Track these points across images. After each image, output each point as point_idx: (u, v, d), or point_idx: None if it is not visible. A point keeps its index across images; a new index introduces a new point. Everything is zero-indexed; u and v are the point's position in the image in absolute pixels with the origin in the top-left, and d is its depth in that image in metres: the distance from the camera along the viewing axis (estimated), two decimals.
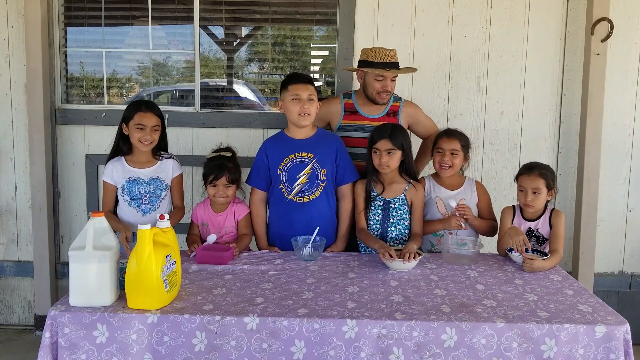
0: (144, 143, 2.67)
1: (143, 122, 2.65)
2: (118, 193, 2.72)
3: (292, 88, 2.57)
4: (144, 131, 2.65)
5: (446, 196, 2.68)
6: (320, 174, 2.63)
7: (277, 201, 2.67)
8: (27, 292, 3.70)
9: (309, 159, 2.63)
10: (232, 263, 2.38)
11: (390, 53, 2.83)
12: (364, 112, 2.89)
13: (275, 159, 2.64)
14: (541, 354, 1.80)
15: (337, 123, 2.91)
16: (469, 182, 2.73)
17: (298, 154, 2.63)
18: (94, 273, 1.88)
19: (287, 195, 2.63)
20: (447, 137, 2.66)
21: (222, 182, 2.58)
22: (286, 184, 2.63)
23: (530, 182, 2.49)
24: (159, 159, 2.78)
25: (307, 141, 2.65)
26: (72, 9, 3.57)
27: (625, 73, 3.46)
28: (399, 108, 2.92)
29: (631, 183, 3.55)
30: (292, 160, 2.62)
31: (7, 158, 3.58)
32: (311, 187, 2.63)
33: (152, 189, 2.72)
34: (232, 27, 3.71)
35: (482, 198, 2.71)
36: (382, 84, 2.80)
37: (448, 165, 2.62)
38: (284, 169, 2.63)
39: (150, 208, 2.72)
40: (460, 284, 2.17)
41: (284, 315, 1.85)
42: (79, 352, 1.83)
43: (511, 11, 3.43)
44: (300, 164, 2.62)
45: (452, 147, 2.63)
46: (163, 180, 2.76)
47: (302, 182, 2.62)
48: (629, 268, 3.61)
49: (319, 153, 2.63)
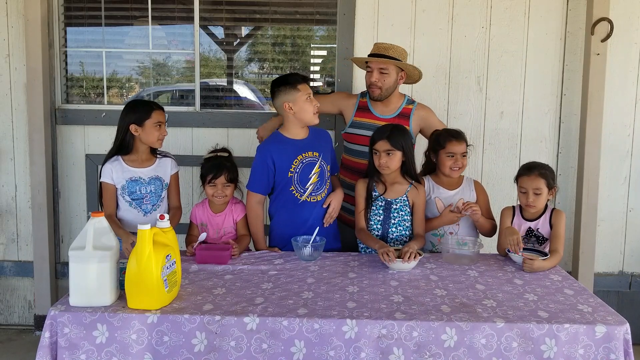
0: (161, 140, 2.72)
1: (161, 120, 2.70)
2: (118, 194, 2.70)
3: (302, 88, 2.56)
4: (162, 128, 2.70)
5: (445, 196, 2.68)
6: (326, 170, 2.66)
7: (287, 204, 2.63)
8: (27, 292, 3.70)
9: (316, 157, 2.63)
10: (232, 263, 2.38)
11: (383, 46, 2.82)
12: (376, 111, 2.89)
13: (284, 163, 2.59)
14: (541, 353, 1.80)
15: (350, 118, 2.91)
16: (468, 181, 2.73)
17: (305, 154, 2.61)
18: (94, 273, 1.88)
19: (301, 196, 2.61)
20: (456, 141, 2.62)
21: (221, 181, 2.57)
22: (298, 185, 2.61)
23: (531, 182, 2.48)
24: (157, 157, 2.78)
25: (309, 140, 2.65)
26: (72, 9, 3.57)
27: (625, 73, 3.46)
28: (412, 111, 2.91)
29: (631, 183, 3.55)
30: (302, 162, 2.60)
31: (7, 158, 3.58)
32: (321, 185, 2.64)
33: (153, 189, 2.72)
34: (232, 27, 3.71)
35: (481, 197, 2.71)
36: (369, 75, 2.83)
37: (460, 167, 2.63)
38: (295, 171, 2.59)
39: (151, 208, 2.72)
40: (460, 284, 2.17)
41: (284, 315, 1.85)
42: (79, 352, 1.83)
43: (511, 11, 3.43)
44: (310, 164, 2.62)
45: (463, 150, 2.62)
46: (162, 179, 2.76)
47: (314, 182, 2.62)
48: (629, 268, 3.61)
49: (322, 150, 2.66)
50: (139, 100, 2.85)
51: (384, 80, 2.81)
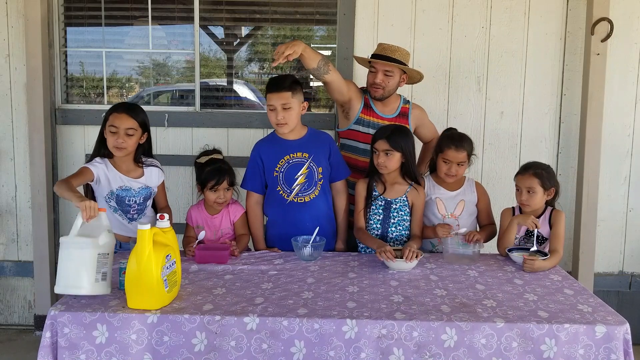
0: (117, 148, 2.50)
1: (115, 124, 2.49)
2: (102, 197, 2.56)
3: (267, 97, 2.56)
4: (116, 135, 2.48)
5: (446, 197, 2.67)
6: (317, 172, 2.63)
7: (276, 204, 2.65)
8: (27, 292, 3.70)
9: (305, 158, 2.62)
10: (232, 263, 2.38)
11: (389, 48, 2.83)
12: (377, 110, 2.89)
13: (271, 162, 2.62)
14: (541, 353, 1.80)
15: (356, 114, 2.88)
16: (469, 182, 2.73)
17: (293, 154, 2.61)
18: (73, 260, 1.89)
19: (287, 196, 2.62)
20: (455, 148, 2.58)
21: (224, 186, 2.56)
22: (284, 185, 2.62)
23: (524, 181, 2.51)
24: (142, 166, 2.64)
25: (301, 141, 2.64)
26: (72, 9, 3.57)
27: (625, 73, 3.46)
28: (409, 110, 2.94)
29: (631, 183, 3.55)
30: (288, 162, 2.61)
31: (7, 158, 3.58)
32: (310, 187, 2.63)
33: (142, 200, 2.63)
34: (232, 27, 3.71)
35: (482, 199, 2.71)
36: (373, 75, 2.83)
37: (454, 175, 2.61)
38: (280, 171, 2.61)
39: (137, 217, 2.64)
40: (460, 284, 2.17)
41: (284, 315, 1.85)
42: (79, 352, 1.83)
43: (511, 11, 3.43)
44: (297, 164, 2.61)
45: (460, 159, 2.59)
46: (152, 188, 2.66)
47: (301, 182, 2.61)
48: (629, 268, 3.61)
49: (313, 152, 2.63)
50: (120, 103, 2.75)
51: (388, 82, 2.82)
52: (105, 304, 1.91)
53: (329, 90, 2.83)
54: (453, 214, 2.65)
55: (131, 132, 2.53)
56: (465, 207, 2.67)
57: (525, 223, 2.48)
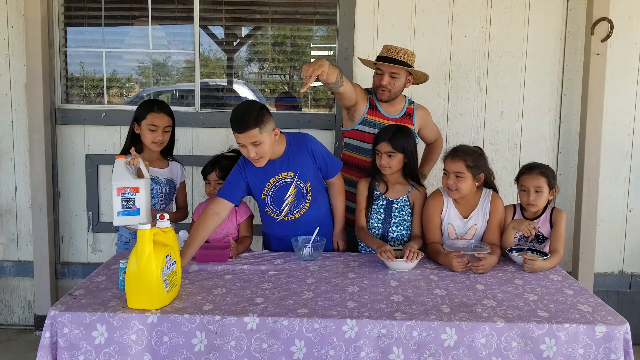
0: (156, 144, 2.66)
1: (156, 123, 2.65)
2: None
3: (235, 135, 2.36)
4: (156, 132, 2.65)
5: (457, 224, 2.53)
6: (305, 188, 2.52)
7: (267, 222, 2.62)
8: (27, 292, 3.70)
9: (291, 178, 2.49)
10: (232, 263, 2.38)
11: (395, 50, 2.82)
12: (383, 110, 2.89)
13: (257, 186, 2.49)
14: (540, 353, 1.80)
15: (362, 114, 2.85)
16: (484, 199, 2.53)
17: (278, 176, 2.48)
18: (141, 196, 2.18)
19: (277, 216, 2.55)
20: (451, 158, 2.46)
21: (213, 177, 2.61)
22: (273, 207, 2.54)
23: (532, 180, 2.48)
24: (168, 160, 2.80)
25: (283, 159, 2.48)
26: (72, 9, 3.57)
27: (625, 73, 3.46)
28: (414, 111, 2.94)
29: (631, 183, 3.55)
30: (275, 185, 2.49)
31: (7, 158, 3.58)
32: (299, 204, 2.54)
33: (167, 190, 2.75)
34: (232, 27, 3.71)
35: (492, 215, 2.52)
36: (379, 78, 2.82)
37: (453, 188, 2.45)
38: (268, 194, 2.52)
39: (164, 208, 2.75)
40: (460, 284, 2.17)
41: (284, 315, 1.85)
42: (78, 352, 1.83)
43: (511, 11, 3.43)
44: (284, 186, 2.50)
45: (456, 169, 2.42)
46: (175, 183, 2.80)
47: (290, 202, 2.53)
48: (629, 268, 3.61)
49: (298, 169, 2.49)
50: (150, 99, 2.88)
51: (394, 84, 2.80)
52: (105, 304, 1.92)
53: (339, 99, 2.78)
54: (463, 237, 2.53)
55: (168, 129, 2.72)
56: (478, 231, 2.54)
57: (520, 228, 2.46)
